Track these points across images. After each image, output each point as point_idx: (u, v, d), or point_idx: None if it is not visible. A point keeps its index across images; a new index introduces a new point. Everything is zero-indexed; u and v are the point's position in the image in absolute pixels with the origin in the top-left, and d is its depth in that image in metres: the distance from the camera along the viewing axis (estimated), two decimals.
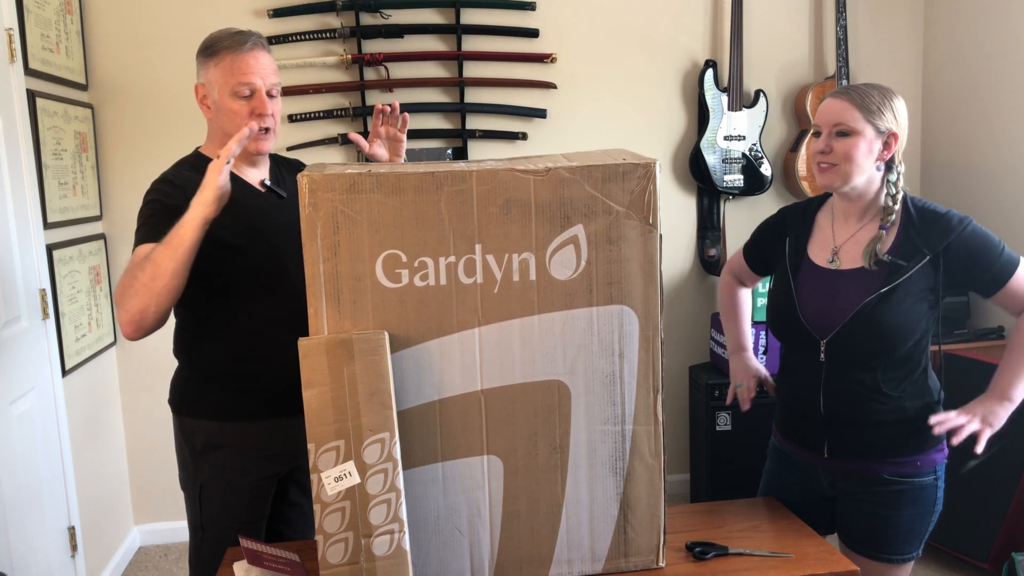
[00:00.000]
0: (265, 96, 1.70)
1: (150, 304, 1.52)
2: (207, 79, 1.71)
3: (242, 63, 1.67)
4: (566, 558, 1.42)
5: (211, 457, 1.75)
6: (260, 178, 1.79)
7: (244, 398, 1.73)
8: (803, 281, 1.69)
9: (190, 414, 1.77)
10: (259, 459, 1.76)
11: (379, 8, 3.17)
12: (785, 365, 1.78)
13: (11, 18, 2.41)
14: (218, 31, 1.73)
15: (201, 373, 1.76)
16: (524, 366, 1.35)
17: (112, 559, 3.01)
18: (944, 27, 3.47)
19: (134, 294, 1.52)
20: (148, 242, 1.59)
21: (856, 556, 1.68)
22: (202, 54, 1.72)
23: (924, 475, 1.64)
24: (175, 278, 1.52)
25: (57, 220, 2.66)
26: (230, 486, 1.75)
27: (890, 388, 1.61)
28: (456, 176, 1.29)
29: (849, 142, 1.59)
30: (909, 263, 1.58)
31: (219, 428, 1.74)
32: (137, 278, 1.52)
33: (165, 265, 1.50)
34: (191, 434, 1.77)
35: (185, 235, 1.50)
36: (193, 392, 1.77)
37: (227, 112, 1.69)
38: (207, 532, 1.77)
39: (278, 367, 1.68)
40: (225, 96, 1.68)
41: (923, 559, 2.95)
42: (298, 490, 1.88)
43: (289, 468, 1.82)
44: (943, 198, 3.48)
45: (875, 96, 1.60)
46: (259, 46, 1.71)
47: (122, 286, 1.54)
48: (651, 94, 3.45)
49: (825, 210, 1.75)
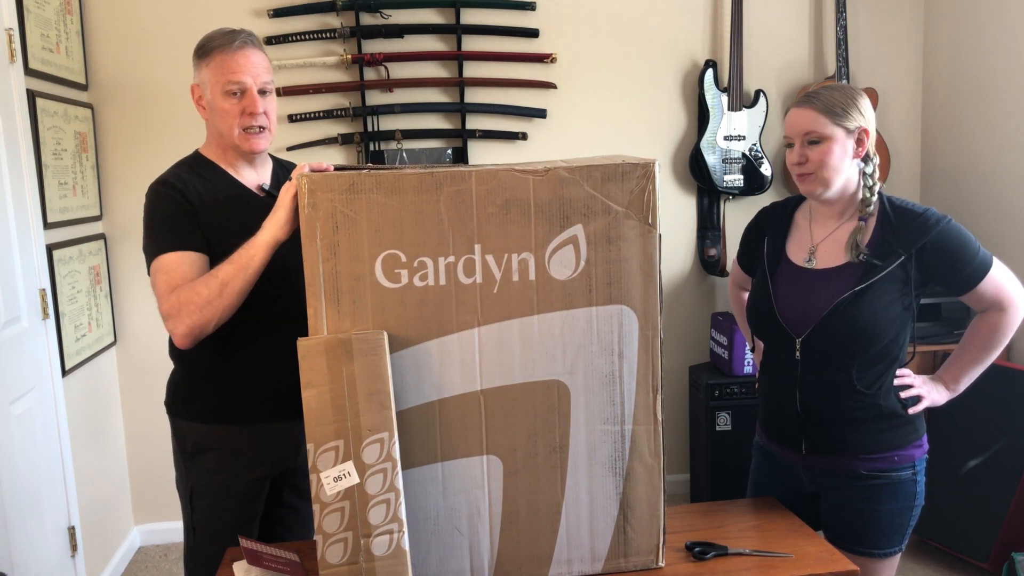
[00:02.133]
0: (256, 94, 1.68)
1: (212, 320, 1.54)
2: (201, 79, 1.71)
3: (231, 62, 1.66)
4: (566, 558, 1.42)
5: (201, 460, 1.75)
6: (259, 181, 1.78)
7: (233, 401, 1.72)
8: (780, 280, 1.72)
9: (182, 416, 1.77)
10: (249, 462, 1.74)
11: (379, 8, 3.18)
12: (765, 363, 1.81)
13: (11, 18, 2.41)
14: (212, 31, 1.72)
15: (193, 375, 1.76)
16: (524, 366, 1.35)
17: (112, 559, 3.01)
18: (944, 27, 3.47)
19: (196, 310, 1.52)
20: (176, 250, 1.60)
21: (841, 552, 1.68)
22: (196, 55, 1.71)
23: (902, 470, 1.66)
24: (240, 297, 1.53)
25: (57, 220, 2.66)
26: (220, 488, 1.74)
27: (864, 386, 1.63)
28: (455, 176, 1.29)
29: (822, 149, 1.61)
30: (884, 262, 1.60)
31: (209, 431, 1.73)
32: (200, 294, 1.52)
33: (233, 285, 1.51)
34: (183, 436, 1.76)
35: (256, 256, 1.50)
36: (185, 394, 1.77)
37: (219, 112, 1.68)
38: (199, 534, 1.77)
39: (270, 371, 1.69)
40: (217, 95, 1.67)
41: (923, 559, 2.95)
42: (292, 492, 1.87)
43: (281, 470, 1.81)
44: (942, 199, 3.48)
45: (838, 98, 1.62)
46: (249, 44, 1.69)
47: (178, 300, 1.54)
48: (651, 94, 3.45)
49: (803, 209, 1.78)
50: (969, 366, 1.71)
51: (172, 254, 1.60)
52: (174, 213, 1.63)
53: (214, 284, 1.52)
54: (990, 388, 2.78)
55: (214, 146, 1.75)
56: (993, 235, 3.09)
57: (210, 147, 1.77)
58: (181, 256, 1.60)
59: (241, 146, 1.70)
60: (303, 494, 1.87)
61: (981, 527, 2.77)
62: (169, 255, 1.60)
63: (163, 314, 1.58)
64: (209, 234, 1.64)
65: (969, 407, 2.80)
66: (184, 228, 1.62)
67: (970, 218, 3.21)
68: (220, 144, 1.74)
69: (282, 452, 1.78)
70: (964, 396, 1.77)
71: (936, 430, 2.79)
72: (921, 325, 3.07)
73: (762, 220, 1.84)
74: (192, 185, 1.68)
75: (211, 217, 1.66)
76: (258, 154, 1.74)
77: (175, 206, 1.64)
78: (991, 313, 1.66)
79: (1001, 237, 3.07)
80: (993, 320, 1.65)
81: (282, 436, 1.75)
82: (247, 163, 1.76)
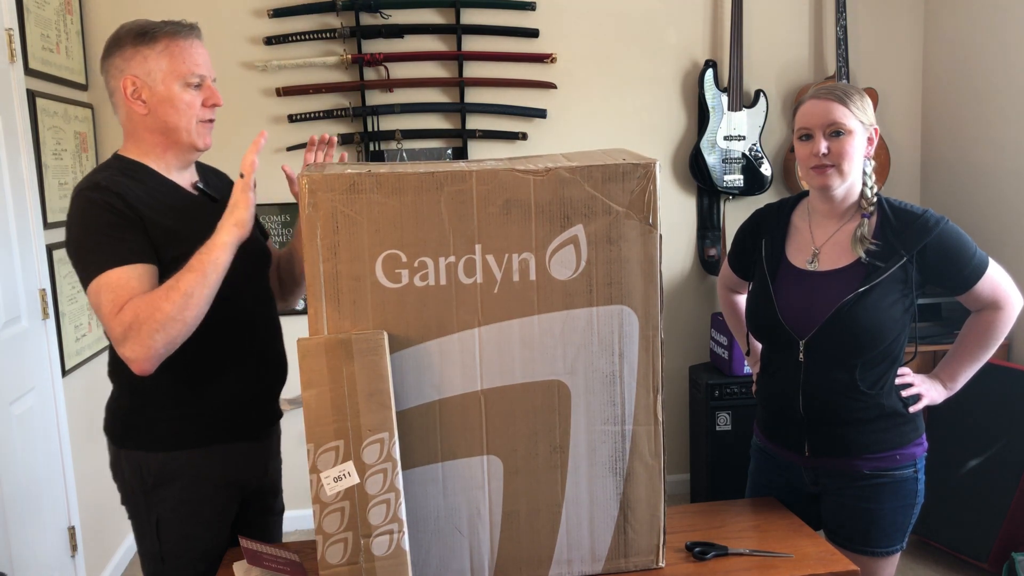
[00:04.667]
0: (213, 86, 1.57)
1: (178, 337, 1.39)
2: (145, 69, 1.52)
3: (190, 50, 1.54)
4: (566, 558, 1.42)
5: (165, 491, 1.57)
6: (191, 180, 1.64)
7: (196, 422, 1.57)
8: (782, 283, 1.71)
9: (137, 446, 1.57)
10: (216, 486, 1.60)
11: (379, 8, 3.17)
12: (766, 366, 1.80)
13: (11, 18, 2.41)
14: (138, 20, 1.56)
15: (146, 400, 1.57)
16: (524, 366, 1.35)
17: (112, 559, 3.01)
18: (944, 27, 3.47)
19: (159, 328, 1.37)
20: (122, 264, 1.42)
21: (842, 551, 1.69)
22: (129, 42, 1.53)
23: (904, 468, 1.67)
24: (205, 307, 1.40)
25: (57, 220, 2.66)
26: (190, 516, 1.58)
27: (867, 386, 1.64)
28: (456, 176, 1.29)
29: (845, 141, 1.62)
30: (886, 263, 1.61)
31: (170, 458, 1.56)
32: (162, 310, 1.37)
33: (198, 294, 1.38)
34: (138, 468, 1.57)
35: (219, 259, 1.40)
36: (138, 421, 1.58)
37: (176, 104, 1.52)
38: (168, 564, 1.60)
39: (231, 386, 1.58)
40: (173, 86, 1.52)
41: (923, 559, 2.95)
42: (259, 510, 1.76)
43: (250, 490, 1.69)
44: (942, 198, 3.48)
45: (853, 94, 1.65)
46: (199, 34, 1.58)
47: (134, 319, 1.37)
48: (651, 94, 3.45)
49: (800, 211, 1.77)
50: (965, 364, 1.72)
51: (117, 269, 1.41)
52: (114, 223, 1.44)
53: (176, 296, 1.38)
54: (990, 388, 2.78)
55: (148, 145, 1.57)
56: (993, 234, 3.09)
57: (139, 147, 1.58)
58: (128, 270, 1.42)
59: (196, 142, 1.56)
60: (272, 510, 1.79)
61: (981, 527, 2.77)
62: (114, 271, 1.41)
63: (115, 338, 1.40)
64: (158, 242, 1.48)
65: (969, 407, 2.80)
66: (129, 239, 1.44)
67: (970, 218, 3.21)
68: (160, 143, 1.57)
69: (249, 472, 1.67)
70: (964, 396, 1.78)
71: (936, 430, 2.79)
72: (921, 325, 3.07)
73: (758, 223, 1.83)
74: (130, 189, 1.49)
75: (157, 223, 1.49)
76: (205, 151, 1.61)
77: (116, 215, 1.45)
78: (987, 312, 1.67)
79: (1001, 236, 3.07)
80: (989, 318, 1.67)
81: (249, 456, 1.66)
82: (182, 164, 1.61)
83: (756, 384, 1.87)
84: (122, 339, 1.39)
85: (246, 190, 1.43)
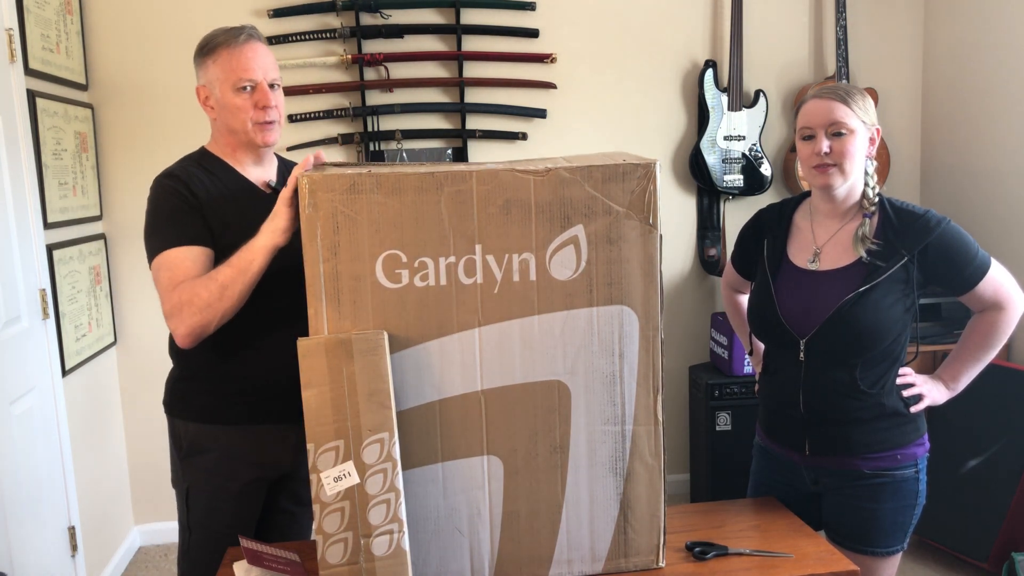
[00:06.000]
0: (267, 88, 1.68)
1: (212, 321, 1.53)
2: (207, 79, 1.69)
3: (240, 56, 1.65)
4: (566, 558, 1.42)
5: (197, 460, 1.72)
6: (265, 178, 1.77)
7: (231, 401, 1.70)
8: (783, 282, 1.72)
9: (179, 415, 1.75)
10: (246, 464, 1.72)
11: (379, 8, 3.17)
12: (767, 365, 1.81)
13: (11, 18, 2.41)
14: (212, 31, 1.71)
15: (190, 374, 1.74)
16: (524, 366, 1.35)
17: (112, 559, 3.01)
18: (944, 27, 3.47)
19: (196, 311, 1.52)
20: (179, 245, 1.58)
21: (843, 551, 1.69)
22: (199, 54, 1.70)
23: (905, 468, 1.66)
24: (240, 300, 1.52)
25: (57, 220, 2.66)
26: (217, 490, 1.72)
27: (867, 385, 1.64)
28: (456, 176, 1.29)
29: (847, 140, 1.62)
30: (887, 263, 1.61)
31: (204, 430, 1.72)
32: (200, 295, 1.51)
33: (232, 288, 1.50)
34: (179, 435, 1.74)
35: (255, 260, 1.49)
36: (182, 393, 1.75)
37: (231, 108, 1.66)
38: (195, 534, 1.75)
39: (269, 372, 1.66)
40: (227, 92, 1.66)
41: (923, 559, 2.95)
42: (288, 498, 1.84)
43: (278, 475, 1.78)
44: (942, 199, 3.48)
45: (855, 94, 1.65)
46: (254, 38, 1.69)
47: (179, 300, 1.53)
48: (651, 94, 3.45)
49: (802, 211, 1.77)
50: (968, 365, 1.72)
51: (175, 250, 1.58)
52: (178, 207, 1.62)
53: (214, 287, 1.51)
54: (990, 388, 2.78)
55: (222, 144, 1.74)
56: (993, 235, 3.09)
57: (217, 144, 1.75)
58: (185, 252, 1.58)
59: (255, 139, 1.68)
60: (301, 500, 1.85)
61: (981, 527, 2.77)
62: (172, 251, 1.58)
63: (165, 312, 1.57)
64: (214, 228, 1.63)
65: (969, 407, 2.80)
66: (188, 223, 1.60)
67: (970, 218, 3.21)
68: (230, 142, 1.72)
69: (279, 456, 1.75)
70: (964, 396, 1.78)
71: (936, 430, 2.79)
72: (922, 325, 3.07)
73: (760, 223, 1.83)
74: (198, 178, 1.66)
75: (216, 211, 1.64)
76: (270, 147, 1.74)
77: (180, 199, 1.62)
78: (989, 312, 1.67)
79: (1001, 236, 3.07)
80: (991, 319, 1.66)
81: (280, 439, 1.73)
82: (255, 160, 1.75)
83: (758, 383, 1.87)
84: (169, 314, 1.56)
85: (289, 203, 1.46)
